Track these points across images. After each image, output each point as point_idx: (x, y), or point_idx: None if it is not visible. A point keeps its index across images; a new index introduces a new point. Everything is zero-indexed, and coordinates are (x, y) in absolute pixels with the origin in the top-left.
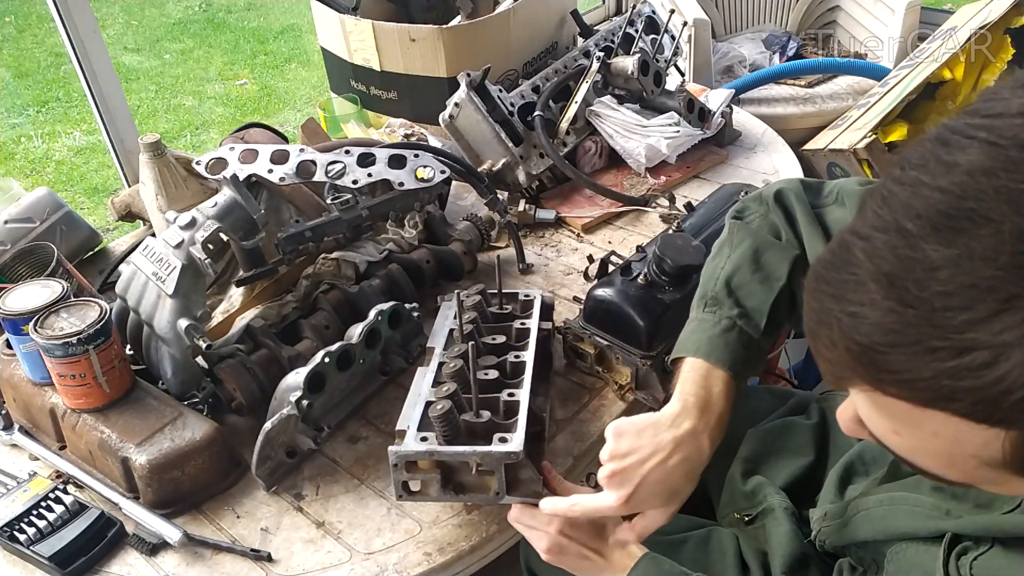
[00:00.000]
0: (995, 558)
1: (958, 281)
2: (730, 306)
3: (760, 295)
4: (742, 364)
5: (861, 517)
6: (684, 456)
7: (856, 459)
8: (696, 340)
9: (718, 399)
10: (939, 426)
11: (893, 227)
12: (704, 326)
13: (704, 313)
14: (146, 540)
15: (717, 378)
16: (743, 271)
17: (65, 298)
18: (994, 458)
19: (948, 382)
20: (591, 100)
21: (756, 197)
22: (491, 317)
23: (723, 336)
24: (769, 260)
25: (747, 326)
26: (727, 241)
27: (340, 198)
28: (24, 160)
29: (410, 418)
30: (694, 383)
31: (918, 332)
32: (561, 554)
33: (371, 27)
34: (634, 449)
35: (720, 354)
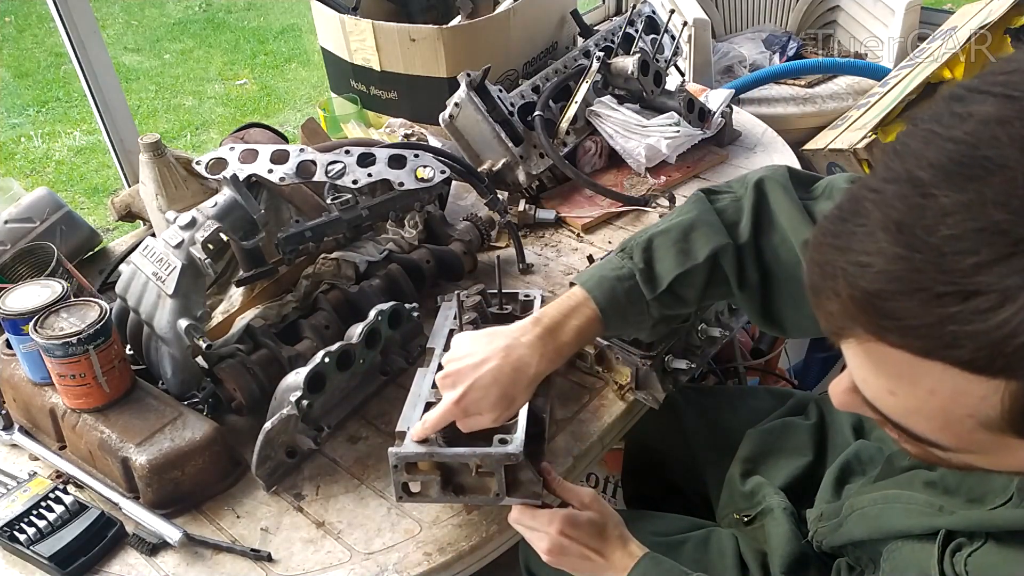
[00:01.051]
0: (989, 554)
1: (968, 225)
2: (639, 260)
3: (669, 262)
4: (617, 314)
5: (856, 516)
6: (514, 366)
7: (853, 459)
8: (591, 273)
9: (570, 330)
10: (937, 382)
11: (904, 177)
12: (607, 266)
13: (615, 256)
14: (146, 540)
15: (583, 314)
16: (669, 236)
17: (65, 298)
18: (991, 417)
19: (952, 327)
20: (591, 100)
21: (740, 180)
22: (491, 317)
23: (615, 281)
24: (696, 238)
25: (643, 283)
26: (680, 208)
27: (340, 198)
28: (24, 160)
29: (410, 419)
30: (558, 306)
31: (925, 277)
32: (562, 555)
33: (371, 27)
34: (468, 354)
35: (601, 293)
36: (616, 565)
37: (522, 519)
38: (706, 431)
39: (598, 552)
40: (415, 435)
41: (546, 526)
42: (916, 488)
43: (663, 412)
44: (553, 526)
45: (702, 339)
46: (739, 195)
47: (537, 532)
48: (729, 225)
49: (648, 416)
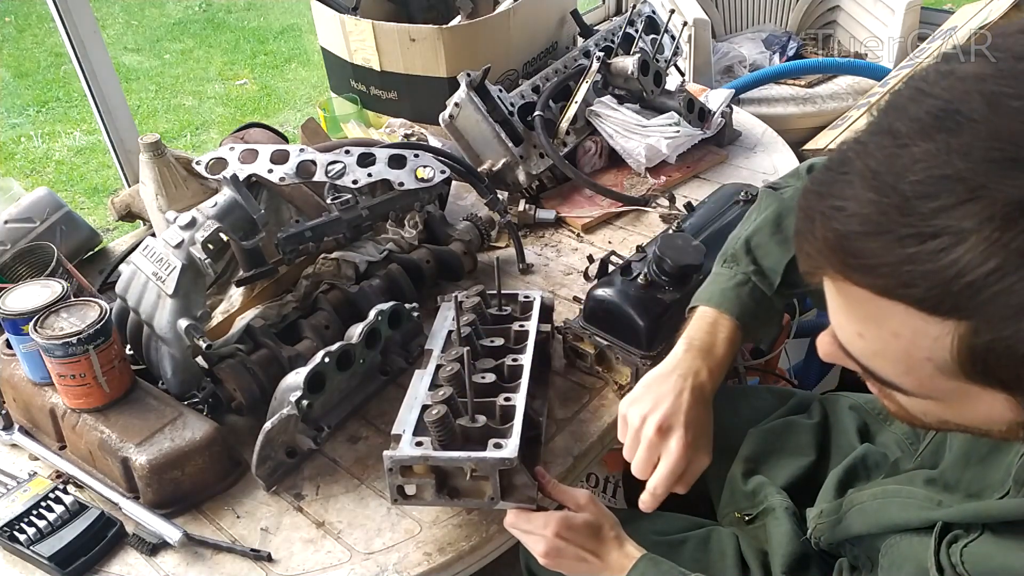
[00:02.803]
0: (985, 544)
1: (933, 172)
2: (747, 263)
3: (776, 255)
4: (751, 317)
5: (855, 512)
6: (695, 387)
7: (859, 463)
8: (709, 291)
9: (721, 344)
10: (899, 324)
11: (886, 130)
12: (719, 279)
13: (722, 268)
14: (146, 540)
15: (723, 326)
16: (763, 233)
17: (65, 298)
18: (946, 361)
19: (908, 267)
20: (591, 100)
21: (793, 172)
22: (490, 319)
23: (736, 289)
24: (790, 224)
25: (761, 282)
26: (756, 208)
27: (340, 198)
28: (24, 160)
29: (406, 422)
30: (700, 329)
31: (890, 220)
32: (559, 557)
33: (371, 27)
34: (658, 400)
35: (730, 305)
36: (613, 566)
37: (517, 523)
38: None
39: (594, 554)
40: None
41: (542, 529)
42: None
43: None
44: (549, 529)
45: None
46: (799, 185)
47: (533, 536)
48: None
49: None
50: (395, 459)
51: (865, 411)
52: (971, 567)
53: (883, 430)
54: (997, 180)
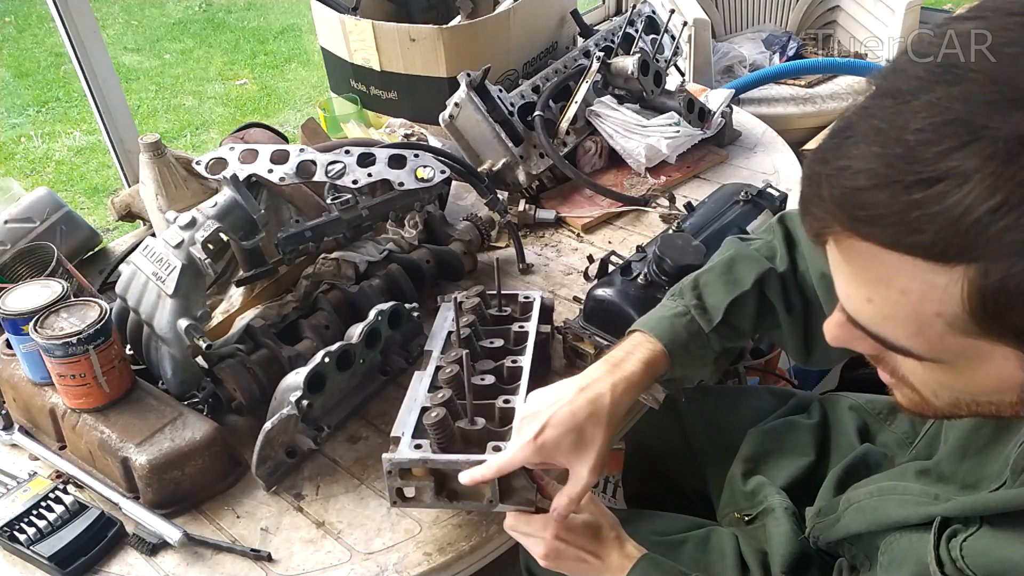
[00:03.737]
0: (984, 537)
1: (935, 119)
2: (691, 297)
3: (720, 294)
4: (681, 347)
5: (852, 510)
6: (588, 399)
7: (859, 463)
8: (646, 319)
9: (635, 362)
10: (907, 279)
11: (887, 92)
12: (660, 311)
13: (667, 300)
14: (146, 540)
15: (644, 348)
16: (713, 272)
17: (65, 298)
18: (956, 314)
19: (916, 213)
20: (591, 100)
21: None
22: (490, 319)
23: (672, 319)
24: (740, 268)
25: (700, 316)
26: (717, 252)
27: (340, 198)
28: (24, 160)
29: (405, 424)
30: (621, 347)
31: (896, 170)
32: (559, 559)
33: (371, 27)
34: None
35: (661, 331)
36: (613, 567)
37: (517, 525)
38: (706, 431)
39: (595, 554)
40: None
41: (541, 531)
42: (909, 477)
43: (663, 412)
44: (549, 531)
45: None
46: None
47: (533, 538)
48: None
49: (648, 416)
50: (394, 462)
51: (865, 411)
52: (971, 561)
53: (883, 430)
54: (997, 119)
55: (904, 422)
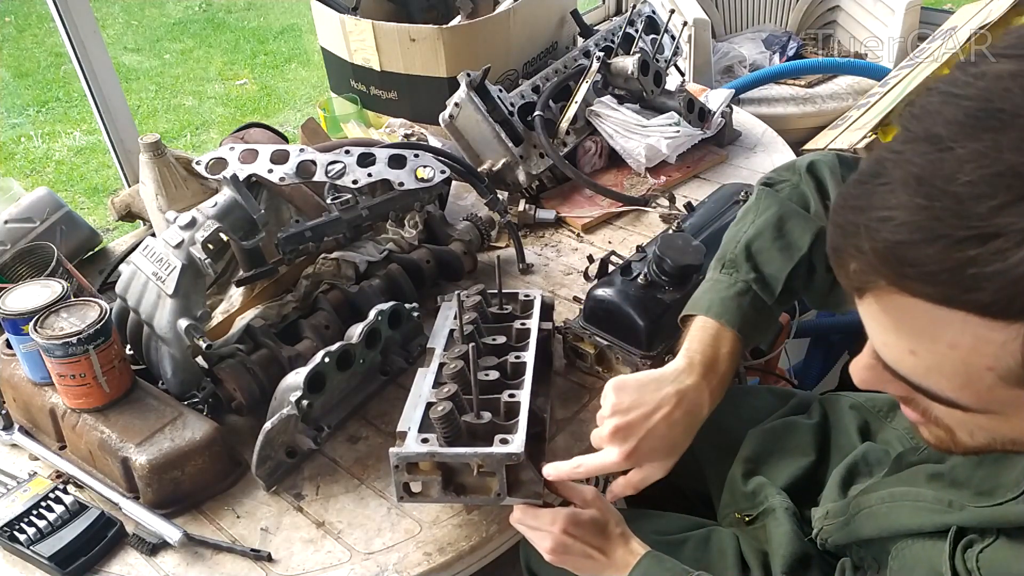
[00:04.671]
0: (1001, 550)
1: (985, 171)
2: (747, 270)
3: (778, 262)
4: (751, 328)
5: (864, 515)
6: (687, 410)
7: (860, 461)
8: (709, 300)
9: (724, 359)
10: (958, 333)
11: (923, 136)
12: (719, 287)
13: (720, 274)
14: (146, 540)
15: (725, 339)
16: (764, 237)
17: (65, 298)
18: (1010, 368)
19: (972, 271)
20: (591, 100)
21: (789, 166)
22: (491, 317)
23: (736, 299)
24: (792, 229)
25: (762, 291)
26: (753, 207)
27: (340, 198)
28: (24, 160)
29: (411, 419)
30: (702, 342)
31: (945, 224)
32: (565, 554)
33: (371, 27)
34: (637, 404)
35: (731, 316)
36: (618, 563)
37: (524, 519)
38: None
39: (600, 550)
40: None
41: (549, 526)
42: (920, 482)
43: None
44: (556, 525)
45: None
46: (795, 182)
47: (540, 532)
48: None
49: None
50: (401, 456)
51: (866, 409)
52: (987, 573)
53: (884, 427)
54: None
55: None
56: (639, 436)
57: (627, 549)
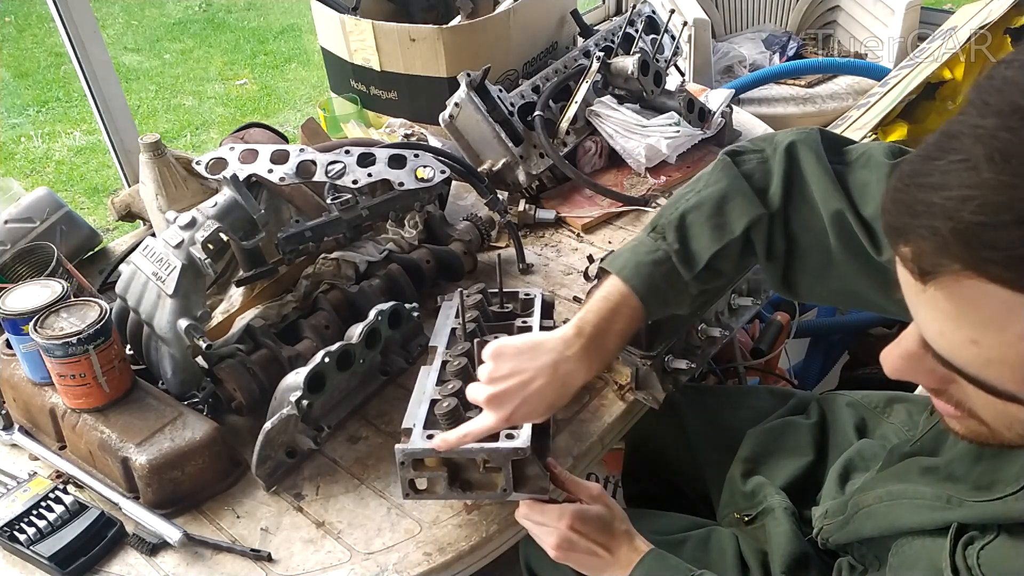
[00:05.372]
0: (1001, 547)
1: None
2: (673, 240)
3: (706, 240)
4: (658, 300)
5: (863, 515)
6: (562, 382)
7: (856, 456)
8: (625, 260)
9: (614, 335)
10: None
11: (1008, 110)
12: (640, 249)
13: (647, 236)
14: (146, 540)
15: (625, 313)
16: (702, 211)
17: (65, 298)
18: None
19: None
20: (591, 100)
21: (768, 138)
22: (492, 316)
23: (651, 266)
24: (731, 210)
25: (680, 264)
26: (706, 176)
27: (340, 198)
28: (24, 160)
29: (415, 416)
30: (599, 312)
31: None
32: (570, 550)
33: (371, 27)
34: (513, 372)
35: (640, 282)
36: (622, 561)
37: (530, 514)
38: (706, 431)
39: (605, 547)
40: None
41: (555, 521)
42: (913, 476)
43: (663, 412)
44: (563, 521)
45: (702, 339)
46: (766, 155)
47: (545, 527)
48: (759, 191)
49: (648, 416)
50: (407, 452)
51: (862, 406)
52: (988, 569)
53: (881, 423)
54: None
55: (901, 412)
56: (514, 404)
57: (631, 547)
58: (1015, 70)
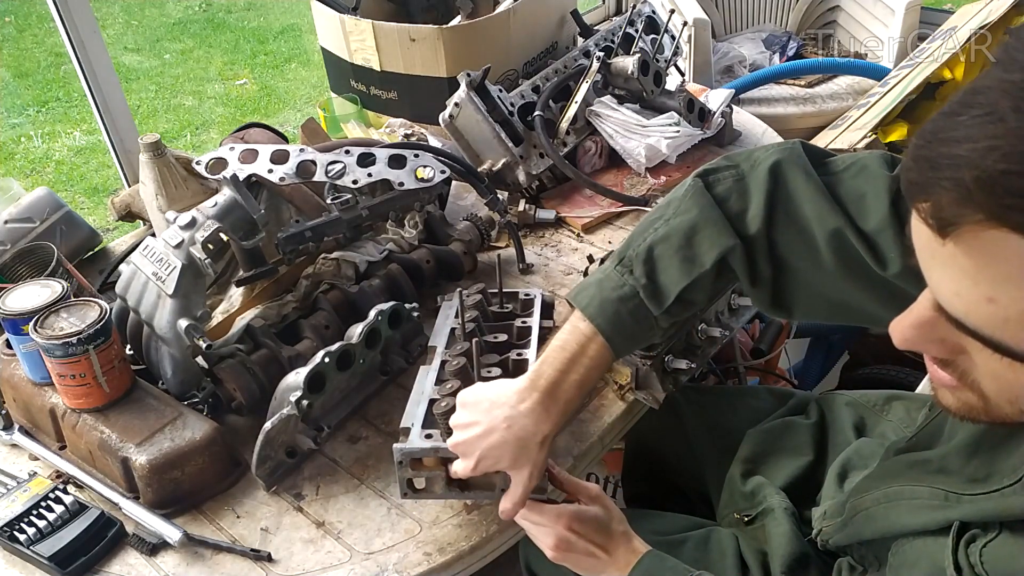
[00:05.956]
0: (1004, 544)
1: None
2: (641, 274)
3: (675, 274)
4: (624, 338)
5: (862, 518)
6: (516, 435)
7: (854, 455)
8: (591, 296)
9: (569, 387)
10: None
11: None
12: (606, 284)
13: (614, 270)
14: (146, 540)
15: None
16: (671, 243)
17: (65, 298)
18: None
19: None
20: (591, 100)
21: (745, 155)
22: (492, 316)
23: (617, 303)
24: (701, 242)
25: (649, 299)
26: (676, 201)
27: (340, 198)
28: (24, 160)
29: (414, 416)
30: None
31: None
32: (568, 551)
33: (371, 27)
34: (472, 423)
35: (605, 321)
36: (619, 561)
37: (529, 515)
38: (706, 431)
39: (603, 548)
40: None
41: (553, 522)
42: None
43: (663, 412)
44: (561, 522)
45: (702, 339)
46: (741, 173)
47: (544, 528)
48: (734, 216)
49: (648, 416)
50: (405, 451)
51: (861, 405)
52: (991, 567)
53: (880, 422)
54: None
55: (900, 410)
56: (476, 455)
57: (629, 548)
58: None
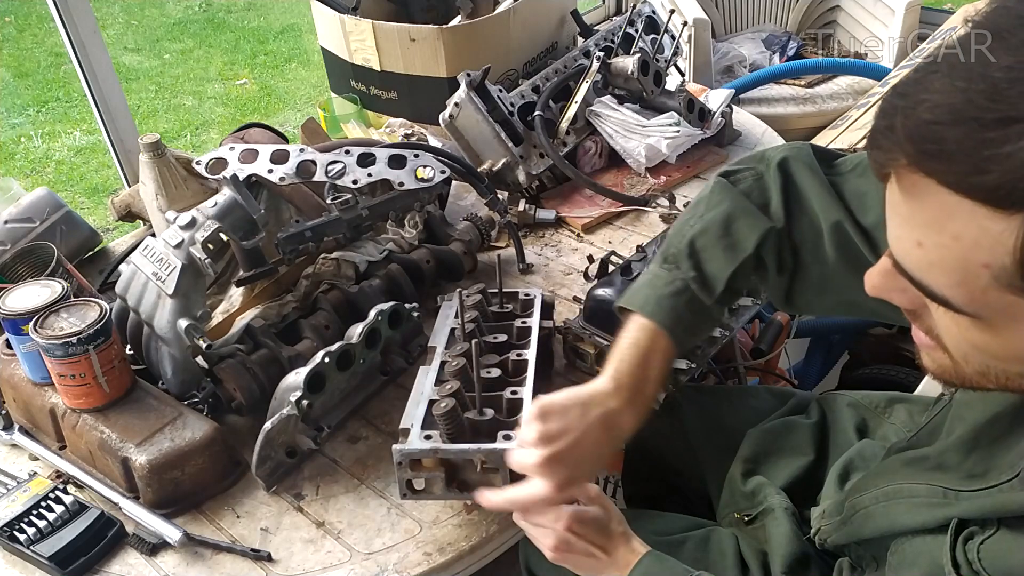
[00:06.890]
0: (1002, 541)
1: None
2: (688, 268)
3: (721, 262)
4: (685, 330)
5: (861, 517)
6: (612, 435)
7: (856, 457)
8: (645, 296)
9: (652, 381)
10: (962, 224)
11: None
12: (657, 283)
13: (661, 269)
14: (146, 540)
15: (656, 351)
16: (710, 234)
17: (65, 298)
18: (1004, 267)
19: (986, 152)
20: (591, 100)
21: (758, 156)
22: (492, 316)
23: (673, 298)
24: (740, 228)
25: (700, 291)
26: (706, 199)
27: (340, 198)
28: (24, 160)
29: (413, 416)
30: (631, 361)
31: (977, 107)
32: (567, 551)
33: (371, 27)
34: (564, 430)
35: (665, 316)
36: (619, 562)
37: (528, 515)
38: (706, 431)
39: (602, 549)
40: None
41: (552, 522)
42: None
43: (663, 412)
44: (560, 522)
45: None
46: (759, 172)
47: (543, 528)
48: (760, 208)
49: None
50: (405, 452)
51: (863, 406)
52: (989, 564)
53: (882, 423)
54: None
55: (902, 413)
56: (570, 466)
57: (628, 548)
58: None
